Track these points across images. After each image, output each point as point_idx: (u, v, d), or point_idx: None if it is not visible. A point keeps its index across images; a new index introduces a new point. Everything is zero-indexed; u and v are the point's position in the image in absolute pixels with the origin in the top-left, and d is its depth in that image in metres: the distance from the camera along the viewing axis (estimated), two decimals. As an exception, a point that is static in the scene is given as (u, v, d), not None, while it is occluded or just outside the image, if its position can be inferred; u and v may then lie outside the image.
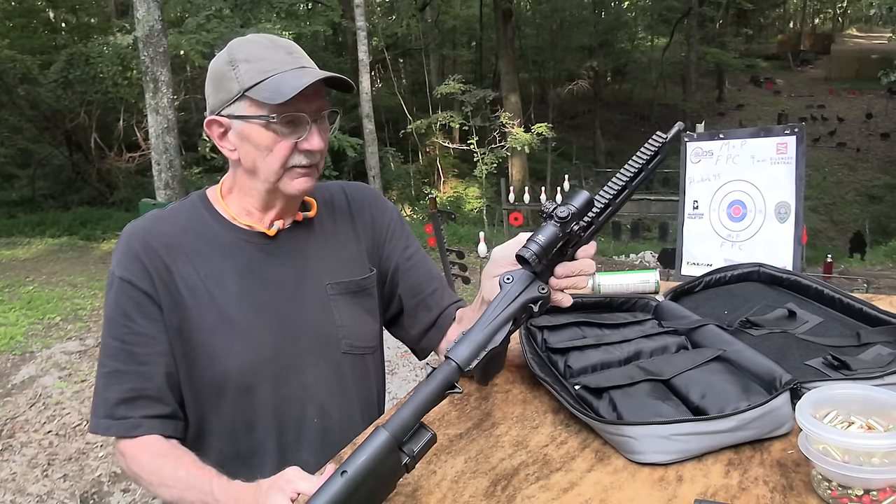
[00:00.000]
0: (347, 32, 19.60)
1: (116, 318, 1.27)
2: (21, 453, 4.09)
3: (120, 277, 1.27)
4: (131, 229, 1.31)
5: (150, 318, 1.27)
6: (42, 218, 16.17)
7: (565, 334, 1.43)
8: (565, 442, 1.15)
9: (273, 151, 1.25)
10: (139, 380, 1.26)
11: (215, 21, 11.22)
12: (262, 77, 1.22)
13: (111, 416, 1.25)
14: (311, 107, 1.24)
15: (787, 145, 1.94)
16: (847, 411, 0.98)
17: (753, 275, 1.68)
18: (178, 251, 1.30)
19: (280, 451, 1.33)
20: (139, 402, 1.25)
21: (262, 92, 1.21)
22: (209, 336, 1.28)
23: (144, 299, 1.27)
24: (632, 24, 30.13)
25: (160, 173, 9.87)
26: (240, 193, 1.35)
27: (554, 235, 1.03)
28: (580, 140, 23.46)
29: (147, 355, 1.26)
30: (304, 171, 1.29)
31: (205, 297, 1.29)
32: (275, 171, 1.27)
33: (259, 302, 1.32)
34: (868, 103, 26.84)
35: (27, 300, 7.19)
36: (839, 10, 45.88)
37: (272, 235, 1.35)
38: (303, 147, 1.26)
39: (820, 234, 18.01)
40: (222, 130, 1.29)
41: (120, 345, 1.26)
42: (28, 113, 17.69)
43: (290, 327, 1.33)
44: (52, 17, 20.60)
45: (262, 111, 1.23)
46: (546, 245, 1.03)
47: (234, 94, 1.24)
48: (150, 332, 1.27)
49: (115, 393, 1.25)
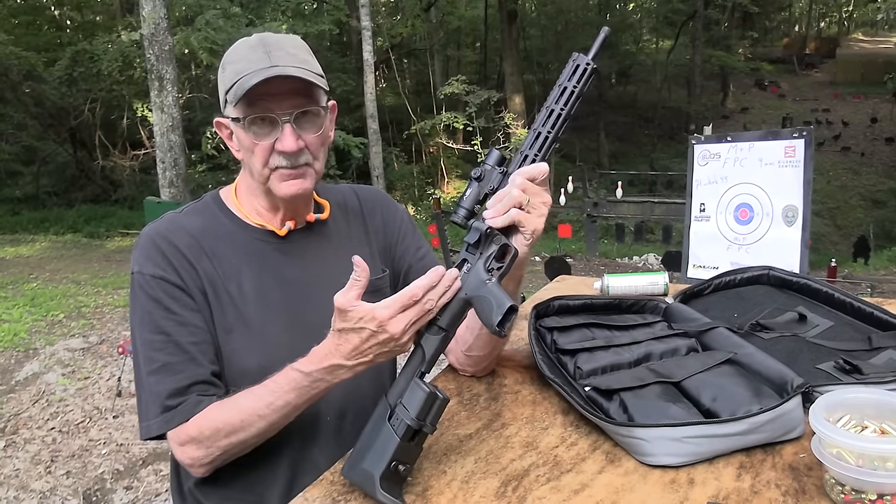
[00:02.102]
0: (352, 32, 19.59)
1: (157, 312, 1.25)
2: (24, 450, 4.09)
3: (151, 275, 1.26)
4: (151, 230, 1.32)
5: (189, 309, 1.26)
6: (46, 215, 16.22)
7: (575, 336, 1.43)
8: (576, 443, 1.14)
9: (254, 153, 1.26)
10: (191, 367, 1.24)
11: (223, 20, 11.23)
12: (235, 79, 1.22)
13: (167, 408, 1.21)
14: (281, 106, 1.23)
15: (796, 149, 1.94)
16: (860, 415, 0.98)
17: (763, 278, 1.68)
18: (198, 251, 1.30)
19: (295, 447, 1.34)
20: (194, 388, 1.23)
21: (231, 94, 1.23)
22: (228, 335, 1.28)
23: (179, 292, 1.26)
24: (637, 26, 30.12)
25: (164, 171, 9.89)
26: (248, 193, 1.37)
27: (475, 192, 1.13)
28: (584, 142, 23.43)
29: (193, 344, 1.25)
30: (291, 172, 1.28)
31: (224, 296, 1.29)
32: (259, 172, 1.28)
33: (275, 301, 1.32)
34: (873, 108, 26.80)
35: (31, 297, 7.20)
36: (845, 14, 45.78)
37: (283, 235, 1.36)
38: (277, 148, 1.25)
39: (823, 239, 17.97)
40: (228, 132, 1.32)
41: (165, 338, 1.24)
42: (33, 110, 17.73)
43: (306, 326, 1.32)
44: (57, 14, 20.65)
45: (238, 113, 1.25)
46: (469, 204, 1.13)
47: (223, 96, 1.27)
48: (193, 322, 1.26)
49: (168, 385, 1.22)
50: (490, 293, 1.05)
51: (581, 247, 12.52)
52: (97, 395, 4.77)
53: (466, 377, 1.45)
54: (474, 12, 26.51)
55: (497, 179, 1.13)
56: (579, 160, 22.04)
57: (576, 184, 11.86)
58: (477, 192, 1.13)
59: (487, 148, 15.30)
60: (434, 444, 1.15)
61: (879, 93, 25.83)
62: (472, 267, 1.10)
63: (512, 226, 1.10)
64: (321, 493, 1.06)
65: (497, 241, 1.10)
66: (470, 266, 1.10)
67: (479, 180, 1.13)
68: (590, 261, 11.24)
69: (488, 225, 1.10)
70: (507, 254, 1.09)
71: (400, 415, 1.02)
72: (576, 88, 1.13)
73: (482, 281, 1.07)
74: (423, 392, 1.02)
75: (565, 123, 1.13)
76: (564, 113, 1.13)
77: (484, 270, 1.08)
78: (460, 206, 1.13)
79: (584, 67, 1.13)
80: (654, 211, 11.37)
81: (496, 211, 1.10)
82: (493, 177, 1.13)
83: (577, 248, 12.57)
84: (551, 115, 1.13)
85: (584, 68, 1.13)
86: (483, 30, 26.43)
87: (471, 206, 1.13)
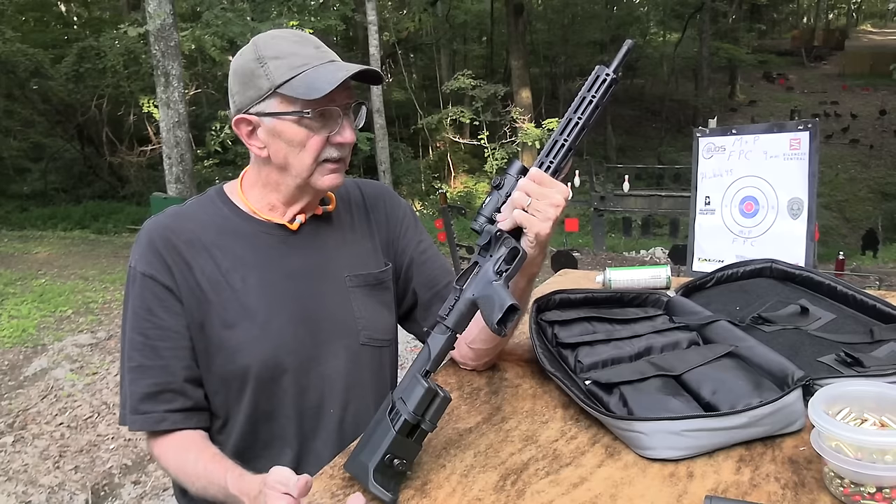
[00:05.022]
0: (359, 27, 19.59)
1: (140, 312, 1.28)
2: (33, 445, 4.12)
3: (142, 273, 1.28)
4: (151, 225, 1.32)
5: (172, 313, 1.28)
6: (54, 212, 16.26)
7: (575, 329, 1.43)
8: (575, 437, 1.15)
9: (306, 147, 1.26)
10: (162, 374, 1.27)
11: (230, 15, 11.22)
12: (294, 73, 1.22)
13: (136, 410, 1.26)
14: (341, 100, 1.25)
15: (801, 141, 1.92)
16: (860, 408, 0.98)
17: (765, 271, 1.67)
18: (198, 247, 1.30)
19: (299, 439, 1.35)
20: (162, 397, 1.27)
21: (297, 88, 1.21)
22: (232, 329, 1.29)
23: (166, 294, 1.28)
24: (644, 19, 29.93)
25: (171, 167, 9.89)
26: (265, 189, 1.35)
27: (495, 200, 1.17)
28: (591, 135, 23.21)
29: (169, 349, 1.28)
30: (335, 165, 1.30)
31: (226, 290, 1.30)
32: (307, 167, 1.28)
33: (280, 293, 1.32)
34: (882, 100, 26.58)
35: (39, 293, 7.23)
36: (853, 6, 45.50)
37: (294, 230, 1.36)
38: (335, 140, 1.27)
39: (832, 232, 17.87)
40: (251, 128, 1.28)
41: (144, 339, 1.28)
42: (40, 107, 17.78)
43: (311, 318, 1.34)
44: (64, 11, 20.69)
45: (294, 107, 1.23)
46: (488, 212, 1.17)
47: (265, 91, 1.23)
48: (172, 327, 1.28)
49: (141, 387, 1.27)
50: (495, 292, 1.07)
51: (588, 241, 12.48)
52: (105, 391, 4.79)
53: (467, 371, 1.45)
54: (480, 6, 26.44)
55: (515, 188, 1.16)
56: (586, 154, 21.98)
57: (583, 177, 11.80)
58: (496, 200, 1.17)
59: (494, 142, 15.28)
60: (434, 439, 1.16)
61: (888, 85, 25.59)
62: (481, 269, 1.12)
63: (520, 228, 1.13)
64: (321, 487, 1.06)
65: (507, 243, 1.13)
66: (480, 268, 1.13)
67: (499, 189, 1.17)
68: (597, 255, 11.22)
69: (497, 228, 1.14)
70: (515, 256, 1.11)
71: (399, 409, 1.03)
72: (594, 98, 1.15)
73: (489, 282, 1.09)
74: (423, 388, 1.02)
75: (583, 132, 1.16)
76: (582, 122, 1.15)
77: (493, 272, 1.10)
78: (479, 214, 1.17)
79: (604, 78, 1.15)
80: (661, 204, 11.31)
81: (504, 214, 1.14)
82: (512, 185, 1.16)
83: (585, 241, 12.53)
84: (569, 123, 1.15)
85: (604, 79, 1.15)
86: (489, 24, 26.35)
87: (489, 214, 1.17)
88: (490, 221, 1.16)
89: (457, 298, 1.11)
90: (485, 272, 1.11)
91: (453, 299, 1.11)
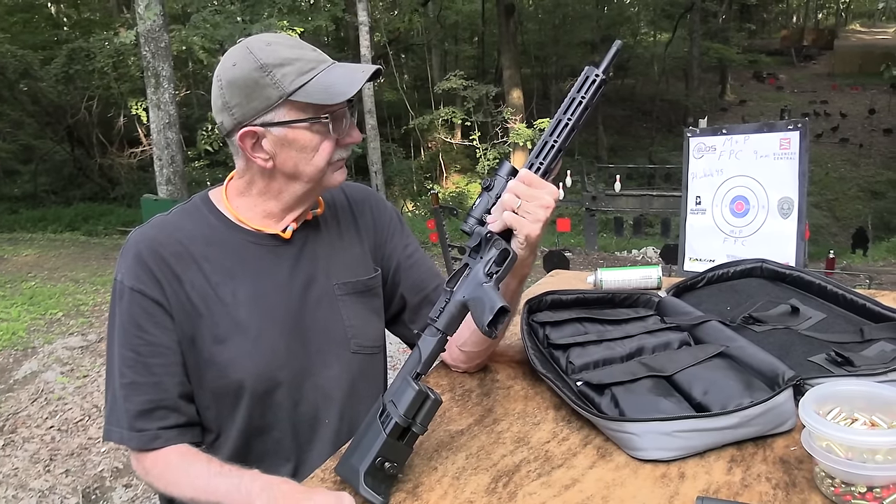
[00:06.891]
0: (349, 27, 19.56)
1: (129, 328, 1.24)
2: (23, 448, 4.09)
3: (130, 288, 1.24)
4: (138, 237, 1.28)
5: (162, 328, 1.25)
6: (44, 214, 16.17)
7: (567, 330, 1.43)
8: (567, 438, 1.14)
9: (319, 151, 1.24)
10: (155, 391, 1.24)
11: (220, 17, 11.19)
12: (306, 79, 1.19)
13: (131, 427, 1.23)
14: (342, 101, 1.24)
15: (791, 141, 1.93)
16: (850, 408, 0.98)
17: (756, 270, 1.67)
18: (187, 260, 1.27)
19: (295, 452, 1.33)
20: (156, 414, 1.24)
21: (313, 94, 1.18)
22: (223, 344, 1.26)
23: (156, 308, 1.24)
24: (634, 19, 30.05)
25: (162, 169, 9.85)
26: (262, 197, 1.31)
27: (485, 202, 1.17)
28: (582, 135, 23.36)
29: (161, 366, 1.24)
30: (341, 163, 1.31)
31: (217, 304, 1.26)
32: (321, 170, 1.26)
33: (270, 306, 1.30)
34: (871, 99, 26.73)
35: (29, 295, 7.18)
36: (842, 5, 45.72)
37: (288, 238, 1.33)
38: (345, 142, 1.28)
39: (822, 230, 17.94)
40: (253, 141, 1.23)
41: (135, 356, 1.24)
42: (30, 108, 17.69)
43: (302, 329, 1.32)
44: (53, 12, 20.60)
45: (306, 113, 1.20)
46: (478, 214, 1.17)
47: (274, 101, 1.19)
48: (163, 343, 1.25)
49: (135, 405, 1.23)
50: (485, 294, 1.07)
51: (580, 241, 12.50)
52: (96, 394, 4.76)
53: (459, 373, 1.45)
54: (471, 6, 26.46)
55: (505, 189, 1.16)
56: (577, 154, 22.03)
57: (574, 177, 11.82)
58: (486, 201, 1.17)
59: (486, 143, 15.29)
60: (425, 441, 1.15)
61: (877, 84, 25.76)
62: (471, 270, 1.12)
63: (510, 229, 1.13)
64: (312, 490, 1.06)
65: (497, 245, 1.12)
66: (470, 269, 1.12)
67: (489, 190, 1.17)
68: (589, 255, 11.24)
69: (488, 230, 1.13)
70: (506, 257, 1.11)
71: (390, 412, 1.02)
72: (584, 99, 1.15)
73: (479, 283, 1.08)
74: (413, 390, 1.02)
75: (573, 133, 1.15)
76: (572, 123, 1.15)
77: (483, 274, 1.10)
78: (470, 216, 1.17)
79: (593, 79, 1.15)
80: (652, 204, 11.33)
81: (494, 216, 1.14)
82: (502, 187, 1.16)
83: (577, 241, 12.55)
84: (559, 124, 1.15)
85: (593, 80, 1.15)
86: (481, 24, 26.38)
87: (479, 216, 1.17)
88: (480, 223, 1.16)
89: (447, 300, 1.10)
90: (475, 274, 1.10)
91: (444, 301, 1.11)
